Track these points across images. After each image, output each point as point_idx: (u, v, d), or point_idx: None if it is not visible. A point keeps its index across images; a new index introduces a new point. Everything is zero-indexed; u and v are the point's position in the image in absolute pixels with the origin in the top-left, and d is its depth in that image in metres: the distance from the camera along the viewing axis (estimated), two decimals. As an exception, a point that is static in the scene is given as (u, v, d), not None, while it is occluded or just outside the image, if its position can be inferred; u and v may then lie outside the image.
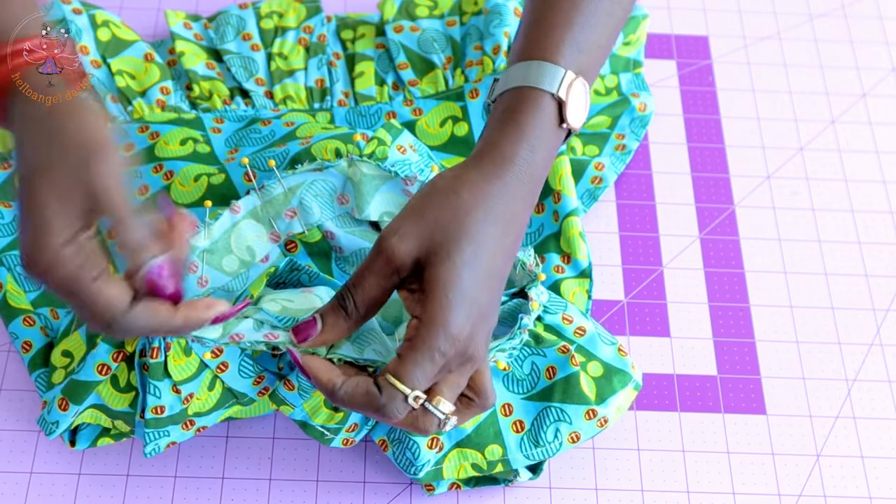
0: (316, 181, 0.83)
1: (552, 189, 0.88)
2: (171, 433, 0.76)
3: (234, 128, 0.91)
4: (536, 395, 0.77)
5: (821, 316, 0.89)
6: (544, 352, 0.78)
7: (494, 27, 0.94)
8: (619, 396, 0.78)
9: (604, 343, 0.79)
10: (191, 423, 0.76)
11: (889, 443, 0.83)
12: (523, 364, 0.78)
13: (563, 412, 0.76)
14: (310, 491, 0.79)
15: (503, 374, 0.77)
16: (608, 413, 0.77)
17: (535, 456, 0.77)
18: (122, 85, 0.92)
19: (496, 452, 0.76)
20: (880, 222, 0.94)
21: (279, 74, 0.95)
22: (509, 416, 0.77)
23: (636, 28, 0.99)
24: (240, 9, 0.98)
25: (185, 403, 0.75)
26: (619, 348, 0.79)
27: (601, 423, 0.77)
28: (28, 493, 0.78)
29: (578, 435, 0.77)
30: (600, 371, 0.78)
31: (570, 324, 0.79)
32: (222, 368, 0.75)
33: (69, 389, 0.75)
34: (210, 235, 0.81)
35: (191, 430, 0.77)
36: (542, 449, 0.76)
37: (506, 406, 0.77)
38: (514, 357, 0.78)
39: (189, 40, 0.96)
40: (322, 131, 0.87)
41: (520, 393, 0.77)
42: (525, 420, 0.77)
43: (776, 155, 0.97)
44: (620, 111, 0.96)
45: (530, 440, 0.77)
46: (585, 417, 0.77)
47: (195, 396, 0.75)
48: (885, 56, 1.04)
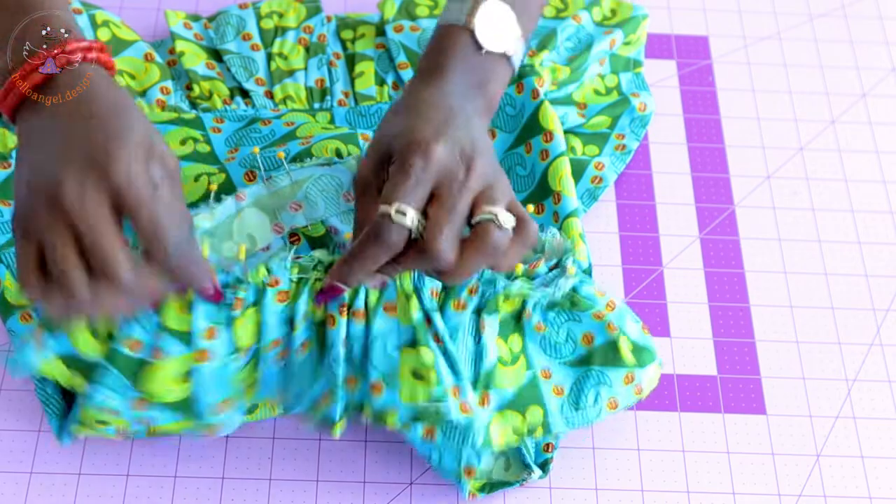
0: (323, 176, 0.83)
1: (552, 190, 0.88)
2: (119, 399, 0.74)
3: (234, 128, 0.91)
4: (576, 360, 0.79)
5: (821, 316, 0.89)
6: (580, 317, 0.79)
7: None
8: (650, 370, 0.79)
9: (632, 321, 0.80)
10: (140, 404, 0.75)
11: (889, 443, 0.83)
12: (559, 330, 0.79)
13: (604, 374, 0.78)
14: (310, 491, 0.79)
15: (540, 337, 0.78)
16: (643, 381, 0.79)
17: (575, 421, 0.78)
18: (122, 85, 0.92)
19: (537, 415, 0.77)
20: (880, 222, 0.94)
21: (279, 74, 0.95)
22: (549, 380, 0.78)
23: (636, 28, 0.99)
24: (240, 9, 0.98)
25: (154, 357, 0.74)
26: (643, 326, 0.81)
27: (637, 391, 0.79)
28: (28, 493, 0.78)
29: (617, 401, 0.78)
30: (629, 346, 0.79)
31: (603, 297, 0.80)
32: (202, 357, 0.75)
33: (47, 323, 0.75)
34: (213, 217, 0.81)
35: (139, 410, 0.75)
36: (582, 412, 0.78)
37: (545, 371, 0.78)
38: (550, 321, 0.79)
39: (189, 40, 0.96)
40: (322, 131, 0.87)
41: (558, 358, 0.79)
42: (565, 385, 0.78)
43: (776, 155, 0.97)
44: (620, 111, 0.96)
45: (570, 404, 0.78)
46: (624, 381, 0.78)
47: (162, 376, 0.74)
48: (885, 56, 1.04)
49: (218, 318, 0.75)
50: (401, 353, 0.75)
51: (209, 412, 0.75)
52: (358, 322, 0.75)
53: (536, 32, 0.96)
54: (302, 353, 0.76)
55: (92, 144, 0.67)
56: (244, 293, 0.75)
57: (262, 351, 0.76)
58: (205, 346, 0.75)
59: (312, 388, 0.76)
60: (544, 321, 0.79)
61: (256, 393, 0.77)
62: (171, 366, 0.74)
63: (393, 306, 0.76)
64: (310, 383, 0.76)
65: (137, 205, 0.66)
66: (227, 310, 0.75)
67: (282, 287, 0.76)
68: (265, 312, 0.76)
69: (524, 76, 0.92)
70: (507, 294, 0.78)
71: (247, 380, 0.77)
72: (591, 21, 0.98)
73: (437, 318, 0.76)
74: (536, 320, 0.78)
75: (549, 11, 0.99)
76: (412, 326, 0.75)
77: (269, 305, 0.76)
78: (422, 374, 0.74)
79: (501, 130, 0.92)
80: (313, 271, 0.77)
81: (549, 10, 0.99)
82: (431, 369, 0.74)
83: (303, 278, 0.76)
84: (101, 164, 0.66)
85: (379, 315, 0.76)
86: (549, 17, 0.99)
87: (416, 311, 0.76)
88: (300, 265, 0.77)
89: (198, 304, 0.74)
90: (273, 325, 0.76)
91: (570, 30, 0.97)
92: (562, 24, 0.97)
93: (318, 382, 0.76)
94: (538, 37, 0.96)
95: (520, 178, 0.90)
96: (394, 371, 0.75)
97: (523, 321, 0.78)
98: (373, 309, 0.76)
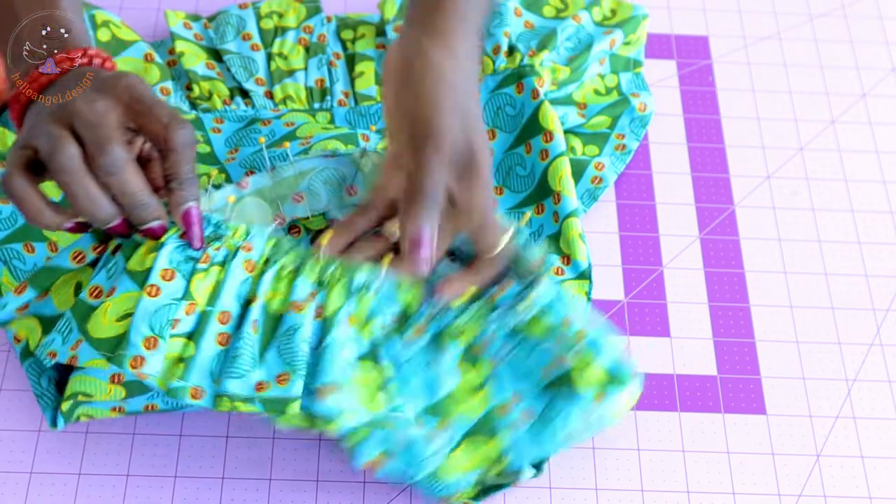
0: (326, 168, 0.83)
1: (552, 190, 0.88)
2: (59, 343, 0.74)
3: (234, 128, 0.91)
4: (541, 386, 0.77)
5: (821, 316, 0.89)
6: (542, 344, 0.77)
7: (495, 27, 0.94)
8: (623, 395, 0.77)
9: (606, 344, 0.78)
10: (76, 346, 0.74)
11: (889, 443, 0.83)
12: (524, 357, 0.77)
13: (569, 403, 0.76)
14: (310, 491, 0.79)
15: (506, 364, 0.77)
16: (612, 408, 0.77)
17: (544, 446, 0.76)
18: None
19: (503, 442, 0.76)
20: (880, 222, 0.94)
21: (279, 74, 0.95)
22: (515, 407, 0.77)
23: (636, 28, 0.99)
24: (240, 9, 0.98)
25: (107, 296, 0.73)
26: (621, 349, 0.78)
27: (606, 419, 0.77)
28: (28, 493, 0.78)
29: (584, 427, 0.77)
30: (601, 371, 0.77)
31: (572, 324, 0.78)
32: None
33: (36, 275, 0.76)
34: (210, 202, 0.80)
35: (72, 351, 0.74)
36: (550, 440, 0.76)
37: (513, 397, 0.77)
38: (516, 346, 0.77)
39: (189, 40, 0.96)
40: (322, 131, 0.87)
41: (524, 384, 0.77)
42: (531, 410, 0.77)
43: (776, 155, 0.98)
44: (620, 111, 0.96)
45: (537, 431, 0.76)
46: (590, 407, 0.76)
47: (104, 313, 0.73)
48: (885, 56, 1.04)
49: (181, 265, 0.74)
50: (360, 363, 0.74)
51: (133, 350, 0.72)
52: (316, 318, 0.75)
53: (536, 32, 0.96)
54: (251, 333, 0.74)
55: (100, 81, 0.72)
56: (215, 252, 0.74)
57: (207, 317, 0.74)
58: (158, 283, 0.73)
59: (251, 374, 0.73)
60: (508, 347, 0.77)
61: (186, 371, 0.73)
62: (117, 302, 0.73)
63: (355, 318, 0.75)
64: (252, 367, 0.73)
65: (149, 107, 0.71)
66: (194, 263, 0.74)
67: (252, 256, 0.75)
68: (227, 275, 0.74)
69: (524, 76, 0.92)
70: (465, 319, 0.77)
71: (178, 355, 0.74)
72: (591, 21, 0.98)
73: (395, 341, 0.75)
74: (499, 345, 0.77)
75: (550, 11, 0.99)
76: (371, 341, 0.75)
77: (234, 268, 0.74)
78: (379, 387, 0.74)
79: (501, 130, 0.92)
80: (286, 254, 0.76)
81: (549, 10, 0.99)
82: (392, 383, 0.74)
83: (273, 258, 0.75)
84: (110, 86, 0.71)
85: (340, 323, 0.74)
86: (550, 17, 0.99)
87: (378, 329, 0.75)
88: (277, 240, 0.76)
89: (166, 244, 0.73)
90: (230, 292, 0.74)
91: (570, 30, 0.97)
92: (562, 24, 0.97)
93: (260, 367, 0.74)
94: (538, 37, 0.96)
95: (519, 179, 0.90)
96: (347, 379, 0.73)
97: (487, 347, 0.77)
98: (333, 316, 0.74)
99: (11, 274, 0.83)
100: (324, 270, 0.75)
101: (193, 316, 0.74)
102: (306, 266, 0.75)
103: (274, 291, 0.75)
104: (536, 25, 0.97)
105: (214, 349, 0.74)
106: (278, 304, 0.75)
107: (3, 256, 0.83)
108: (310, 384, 0.73)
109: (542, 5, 0.99)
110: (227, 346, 0.74)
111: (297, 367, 0.73)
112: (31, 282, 0.76)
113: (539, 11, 0.99)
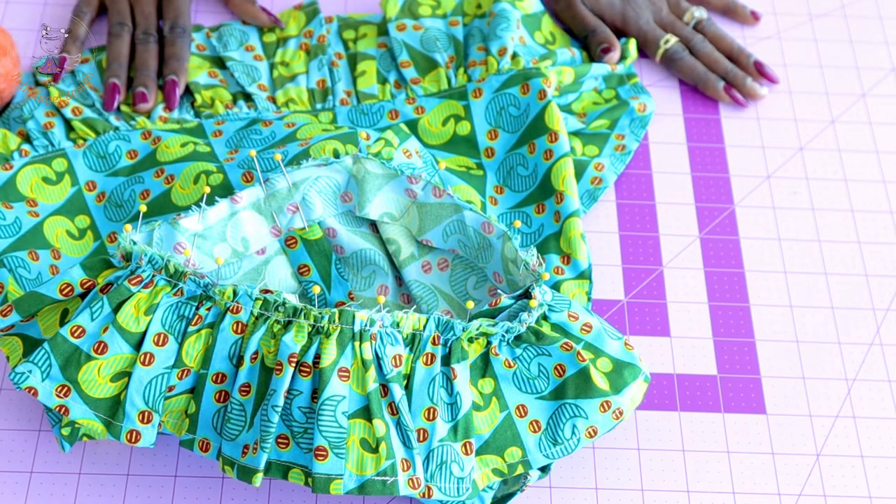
0: (320, 177, 0.83)
1: (555, 189, 0.88)
2: (40, 381, 0.74)
3: (235, 127, 0.91)
4: (549, 394, 0.76)
5: (821, 316, 0.89)
6: (548, 350, 0.76)
7: (502, 30, 0.95)
8: (632, 388, 0.77)
9: (610, 338, 0.78)
10: (61, 390, 0.74)
11: (889, 443, 0.83)
12: (530, 365, 0.77)
13: (578, 408, 0.76)
14: (309, 491, 0.79)
15: (513, 374, 0.76)
16: (622, 404, 0.76)
17: (555, 454, 0.76)
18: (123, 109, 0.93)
19: (516, 455, 0.76)
20: (880, 222, 0.94)
21: (281, 80, 0.95)
22: (525, 417, 0.76)
23: (627, 51, 1.00)
24: (242, 24, 1.00)
25: (95, 351, 0.74)
26: (625, 342, 0.78)
27: (616, 415, 0.76)
28: (28, 493, 0.78)
29: (595, 429, 0.76)
30: (609, 366, 0.77)
31: (576, 321, 0.78)
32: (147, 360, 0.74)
33: (21, 299, 0.75)
34: (205, 221, 0.80)
35: (59, 398, 0.74)
36: (561, 447, 0.76)
37: (520, 407, 0.76)
38: (519, 357, 0.77)
39: (191, 52, 0.97)
40: (322, 132, 0.87)
41: (532, 393, 0.76)
42: (541, 419, 0.76)
43: (776, 155, 0.98)
44: (620, 112, 0.96)
45: (548, 439, 0.76)
46: (600, 410, 0.76)
47: (96, 368, 0.74)
48: (885, 56, 1.04)
49: (174, 324, 0.74)
50: (351, 421, 0.72)
51: (130, 424, 0.74)
52: (304, 377, 0.73)
53: (533, 52, 0.96)
54: (242, 395, 0.74)
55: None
56: (206, 313, 0.74)
57: (203, 379, 0.74)
58: (151, 350, 0.74)
59: (241, 436, 0.74)
60: (513, 357, 0.77)
61: (191, 428, 0.75)
62: (110, 361, 0.74)
63: (347, 373, 0.73)
64: (244, 429, 0.74)
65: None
66: (185, 323, 0.74)
67: (241, 317, 0.75)
68: (218, 338, 0.74)
69: (530, 77, 0.92)
70: (469, 335, 0.76)
71: (183, 409, 0.75)
72: (582, 59, 0.99)
73: (394, 389, 0.73)
74: (504, 357, 0.76)
75: (540, 38, 1.00)
76: (366, 396, 0.72)
77: (223, 330, 0.74)
78: (372, 446, 0.72)
79: (504, 131, 0.92)
80: (275, 311, 0.74)
81: (540, 38, 1.00)
82: (383, 442, 0.72)
83: (263, 314, 0.74)
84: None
85: (333, 380, 0.72)
86: (540, 43, 0.99)
87: (373, 382, 0.73)
88: (265, 300, 0.74)
89: (159, 307, 0.74)
90: (221, 354, 0.74)
91: (566, 56, 0.97)
92: (557, 50, 0.97)
93: (250, 431, 0.73)
94: (536, 55, 0.96)
95: (521, 178, 0.90)
96: (341, 439, 0.72)
97: (491, 360, 0.76)
98: (327, 372, 0.72)
99: (17, 282, 0.83)
100: (318, 321, 0.73)
101: (190, 377, 0.75)
102: (296, 321, 0.74)
103: (267, 348, 0.74)
104: (528, 44, 0.98)
105: (214, 406, 0.75)
106: (271, 360, 0.74)
107: (8, 265, 0.83)
108: (309, 445, 0.72)
109: (534, 30, 0.99)
110: (226, 403, 0.75)
111: (264, 437, 0.72)
112: (17, 306, 0.76)
113: (532, 35, 0.99)
